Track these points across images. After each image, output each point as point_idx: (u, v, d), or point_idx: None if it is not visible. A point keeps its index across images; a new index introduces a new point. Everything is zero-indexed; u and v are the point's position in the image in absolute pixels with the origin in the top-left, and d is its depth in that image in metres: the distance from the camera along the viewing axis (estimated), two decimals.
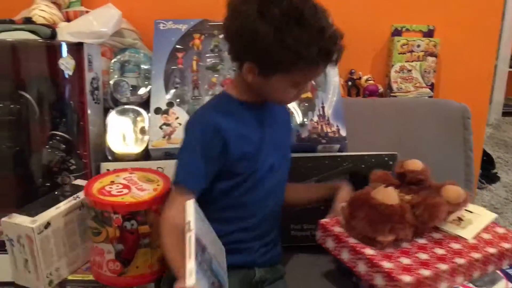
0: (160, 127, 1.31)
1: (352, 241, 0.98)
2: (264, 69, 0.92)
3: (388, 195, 0.97)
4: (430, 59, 1.62)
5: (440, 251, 0.97)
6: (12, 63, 1.22)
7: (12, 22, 1.23)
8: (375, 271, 0.91)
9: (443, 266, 0.91)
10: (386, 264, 0.90)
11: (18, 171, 1.25)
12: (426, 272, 0.88)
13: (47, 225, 1.00)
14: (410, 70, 1.62)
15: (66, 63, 1.20)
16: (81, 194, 1.09)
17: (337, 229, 1.03)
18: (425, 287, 0.88)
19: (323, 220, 1.07)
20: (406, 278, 0.86)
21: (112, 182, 1.05)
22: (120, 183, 1.04)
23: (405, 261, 0.92)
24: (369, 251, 0.95)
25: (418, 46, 1.61)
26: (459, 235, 1.04)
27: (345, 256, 0.99)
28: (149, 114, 1.34)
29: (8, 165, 1.24)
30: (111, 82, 1.38)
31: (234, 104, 1.00)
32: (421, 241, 1.01)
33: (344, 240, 0.99)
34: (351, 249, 0.97)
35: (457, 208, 1.05)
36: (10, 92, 1.21)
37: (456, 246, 1.00)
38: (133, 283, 1.03)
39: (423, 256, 0.95)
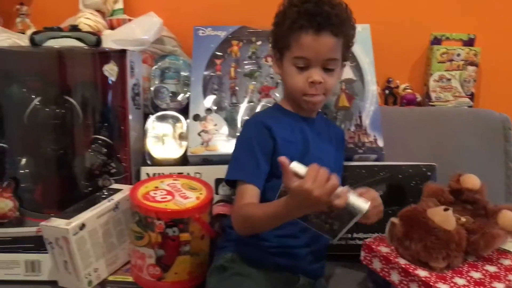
0: (199, 134, 1.33)
1: (402, 261, 0.96)
2: (277, 50, 1.07)
3: (447, 219, 0.94)
4: (471, 68, 1.59)
5: (491, 268, 0.96)
6: (58, 69, 1.26)
7: (59, 29, 1.27)
8: None
9: (500, 286, 0.89)
10: (442, 287, 0.88)
11: (62, 173, 1.28)
12: None
13: (82, 226, 1.02)
14: (449, 79, 1.59)
15: (110, 70, 1.24)
16: (115, 197, 1.12)
17: (384, 249, 1.01)
18: None
19: (368, 240, 1.06)
20: None
21: (156, 188, 1.07)
22: (164, 189, 1.06)
23: (460, 281, 0.90)
24: (422, 272, 0.92)
25: (458, 55, 1.58)
26: (508, 250, 1.03)
27: (395, 277, 0.96)
28: (188, 121, 1.37)
29: (53, 167, 1.28)
30: (152, 88, 1.41)
31: (282, 112, 1.11)
32: (471, 258, 0.99)
33: (393, 261, 0.97)
34: (402, 270, 0.95)
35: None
36: (56, 97, 1.25)
37: (506, 262, 0.99)
38: None
39: (476, 275, 0.93)
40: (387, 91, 1.63)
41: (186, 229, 1.00)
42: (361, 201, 0.83)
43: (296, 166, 0.81)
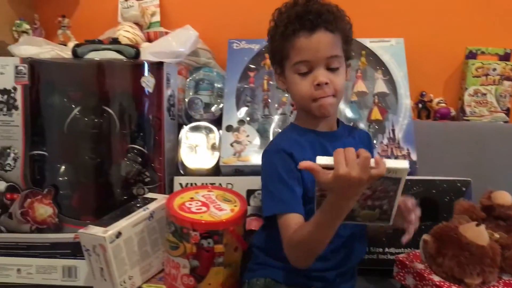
0: (231, 145, 1.35)
1: (436, 278, 0.95)
2: (277, 65, 1.04)
3: (479, 234, 0.94)
4: (507, 83, 1.57)
5: None
6: (98, 81, 1.30)
7: (100, 42, 1.31)
8: None
9: None
10: None
11: (98, 181, 1.32)
12: None
13: (118, 234, 1.04)
14: (484, 94, 1.57)
15: (147, 81, 1.27)
16: (150, 206, 1.14)
17: (418, 266, 1.00)
18: None
19: (401, 256, 1.06)
20: None
21: (192, 199, 1.08)
22: (199, 201, 1.08)
23: None
24: None
25: (494, 69, 1.56)
26: None
27: None
28: (221, 131, 1.39)
29: (90, 175, 1.32)
30: (186, 99, 1.44)
31: (299, 132, 1.03)
32: (506, 277, 0.98)
33: (428, 277, 0.96)
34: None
35: None
36: (95, 107, 1.29)
37: None
38: None
39: None
40: (420, 105, 1.62)
41: (220, 240, 1.00)
42: (398, 162, 0.78)
43: (322, 159, 0.77)
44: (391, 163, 0.76)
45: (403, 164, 0.77)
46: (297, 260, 0.92)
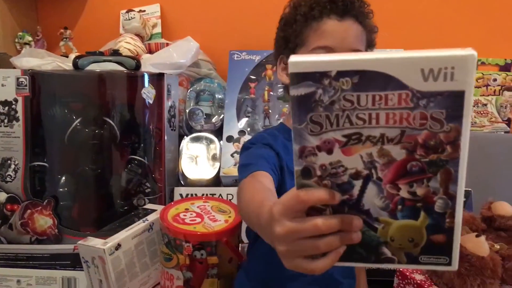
0: (232, 155, 1.35)
1: None
2: (286, 54, 0.91)
3: (479, 245, 0.92)
4: (507, 93, 1.57)
5: None
6: (99, 92, 1.31)
7: (101, 54, 1.32)
8: None
9: None
10: None
11: (99, 192, 1.32)
12: None
13: (118, 246, 1.04)
14: (485, 104, 1.57)
15: (148, 92, 1.27)
16: (150, 217, 1.13)
17: (418, 277, 0.99)
18: None
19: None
20: None
21: (187, 210, 1.08)
22: (194, 211, 1.07)
23: None
24: None
25: (495, 80, 1.56)
26: None
27: None
28: (221, 142, 1.39)
29: (90, 186, 1.32)
30: (187, 110, 1.44)
31: (287, 133, 0.87)
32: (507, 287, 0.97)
33: None
34: None
35: None
36: (96, 118, 1.29)
37: None
38: None
39: None
40: None
41: (214, 252, 0.99)
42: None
43: None
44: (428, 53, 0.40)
45: (457, 50, 0.40)
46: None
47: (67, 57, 1.46)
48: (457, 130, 0.42)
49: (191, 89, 1.48)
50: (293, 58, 0.42)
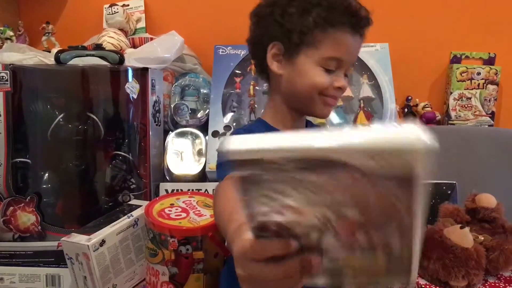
0: (217, 150, 1.34)
1: (422, 281, 0.95)
2: (289, 47, 0.85)
3: (464, 237, 0.94)
4: (491, 87, 1.58)
5: None
6: (82, 87, 1.29)
7: (84, 48, 1.30)
8: None
9: None
10: None
11: (83, 189, 1.31)
12: None
13: (102, 242, 1.02)
14: (469, 98, 1.58)
15: (132, 87, 1.26)
16: (135, 213, 1.12)
17: None
18: None
19: None
20: None
21: (172, 205, 1.07)
22: (179, 207, 1.06)
23: None
24: None
25: (478, 73, 1.58)
26: None
27: None
28: (207, 137, 1.38)
29: (74, 183, 1.30)
30: (172, 105, 1.43)
31: (265, 128, 0.91)
32: (492, 279, 0.98)
33: None
34: None
35: None
36: (79, 114, 1.28)
37: None
38: None
39: None
40: (406, 109, 1.63)
41: (199, 247, 0.98)
42: (395, 130, 0.36)
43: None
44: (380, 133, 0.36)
45: (412, 133, 0.35)
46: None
47: (49, 52, 1.44)
48: (410, 201, 0.37)
49: (176, 84, 1.46)
50: (234, 146, 0.40)
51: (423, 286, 0.94)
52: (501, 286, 0.95)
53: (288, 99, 0.90)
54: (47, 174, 1.29)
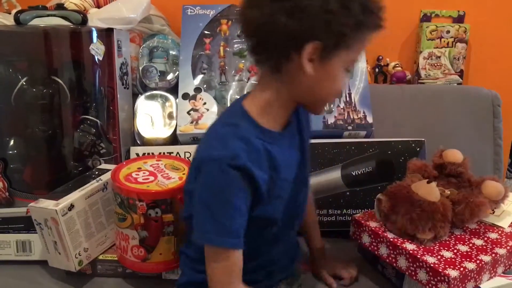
0: (188, 113, 1.33)
1: (390, 235, 0.97)
2: (327, 47, 0.74)
3: (430, 191, 0.95)
4: (460, 45, 1.59)
5: (478, 242, 0.97)
6: (44, 49, 1.24)
7: (44, 8, 1.25)
8: (417, 266, 0.90)
9: (486, 258, 0.90)
10: (429, 259, 0.89)
11: (50, 154, 1.28)
12: (470, 265, 0.87)
13: (71, 207, 1.01)
14: (439, 57, 1.59)
15: (97, 48, 1.22)
16: (104, 177, 1.11)
17: (373, 224, 1.03)
18: (470, 280, 0.87)
19: (357, 215, 1.07)
20: (453, 273, 0.85)
21: (139, 169, 1.06)
22: (147, 170, 1.06)
23: (447, 254, 0.91)
24: (409, 245, 0.93)
25: (448, 32, 1.58)
26: (495, 224, 1.04)
27: (383, 251, 0.98)
28: (177, 100, 1.36)
29: (41, 148, 1.28)
30: (140, 67, 1.40)
31: (261, 134, 0.80)
32: (458, 232, 1.01)
33: (382, 235, 0.98)
34: (390, 244, 0.96)
35: (497, 205, 1.04)
36: (43, 77, 1.24)
37: (493, 235, 1.00)
38: (157, 269, 1.04)
39: (463, 248, 0.94)
40: (377, 69, 1.63)
41: (169, 210, 0.98)
42: None
43: None
44: None
45: None
46: None
47: (10, 14, 1.37)
48: None
49: (144, 45, 1.43)
50: None
51: (391, 240, 0.96)
52: (467, 238, 0.98)
53: (302, 97, 0.82)
54: (12, 140, 1.26)
